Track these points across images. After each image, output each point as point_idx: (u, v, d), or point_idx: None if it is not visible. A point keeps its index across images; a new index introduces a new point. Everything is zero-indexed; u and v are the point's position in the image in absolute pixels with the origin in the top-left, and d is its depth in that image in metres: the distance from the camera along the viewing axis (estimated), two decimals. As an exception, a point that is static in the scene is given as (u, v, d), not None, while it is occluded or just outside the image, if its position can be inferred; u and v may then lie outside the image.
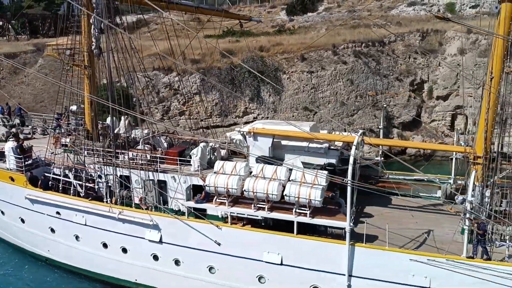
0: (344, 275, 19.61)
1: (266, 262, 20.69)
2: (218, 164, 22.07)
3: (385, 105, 33.71)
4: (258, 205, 20.67)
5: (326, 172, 20.76)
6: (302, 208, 20.02)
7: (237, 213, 21.17)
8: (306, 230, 20.56)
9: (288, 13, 62.46)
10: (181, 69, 42.71)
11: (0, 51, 52.30)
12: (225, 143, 26.40)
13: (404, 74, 44.54)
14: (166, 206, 23.30)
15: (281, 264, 20.50)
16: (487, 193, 19.99)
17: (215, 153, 25.18)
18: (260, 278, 21.19)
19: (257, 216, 20.73)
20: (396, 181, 23.26)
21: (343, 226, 19.26)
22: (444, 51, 44.45)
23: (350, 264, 19.43)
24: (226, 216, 21.48)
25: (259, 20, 39.72)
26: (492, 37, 19.68)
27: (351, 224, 19.09)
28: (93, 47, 25.39)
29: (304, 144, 22.64)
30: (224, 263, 21.55)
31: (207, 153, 24.61)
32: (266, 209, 20.47)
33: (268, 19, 61.87)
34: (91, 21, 24.98)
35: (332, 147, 22.73)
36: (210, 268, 22.02)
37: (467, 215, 18.43)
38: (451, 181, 23.54)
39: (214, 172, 21.71)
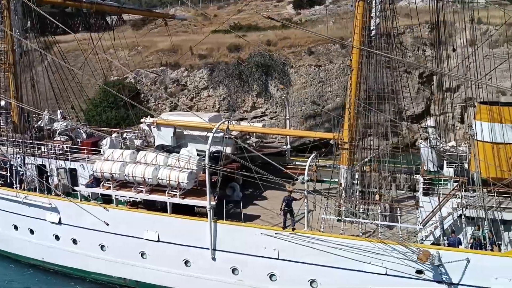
0: (208, 249, 21.85)
1: (146, 239, 23.00)
2: (107, 152, 24.40)
3: (283, 96, 34.42)
4: (138, 188, 23.07)
5: (198, 157, 23.03)
6: (175, 190, 22.40)
7: (120, 196, 23.51)
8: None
9: (295, 7, 62.12)
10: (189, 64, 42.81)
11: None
12: (121, 137, 28.48)
13: (413, 66, 44.14)
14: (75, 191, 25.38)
15: (158, 241, 22.79)
16: (356, 176, 22.56)
17: (127, 143, 27.10)
18: (142, 254, 23.41)
19: (137, 198, 23.21)
20: (302, 167, 24.58)
21: (205, 205, 21.50)
22: (453, 42, 43.95)
23: (214, 239, 21.72)
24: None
25: (183, 18, 40.52)
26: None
27: (212, 203, 21.34)
28: (15, 47, 28.22)
29: (203, 133, 24.72)
30: (113, 241, 23.82)
31: (119, 144, 26.67)
32: (144, 191, 22.87)
33: (275, 13, 61.57)
34: (11, 22, 27.77)
35: (227, 136, 24.80)
36: (102, 246, 24.22)
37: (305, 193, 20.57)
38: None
39: (104, 159, 23.93)
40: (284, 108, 33.69)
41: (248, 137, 28.72)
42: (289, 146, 28.90)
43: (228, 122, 23.02)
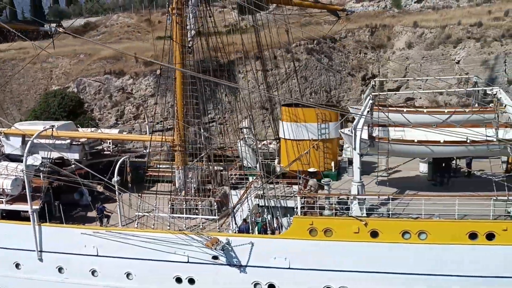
0: (35, 251, 23.42)
1: None
2: None
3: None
4: None
5: (23, 165, 23.80)
6: (1, 197, 23.76)
7: None
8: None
9: (239, 13, 62.36)
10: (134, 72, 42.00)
11: None
12: None
13: (356, 69, 45.50)
14: None
15: None
16: (190, 175, 25.16)
17: None
18: None
19: None
20: (162, 170, 26.74)
21: (27, 209, 23.06)
22: (392, 45, 45.72)
23: (39, 241, 23.27)
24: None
25: (48, 29, 40.89)
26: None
27: (34, 207, 22.93)
28: None
29: (52, 141, 25.90)
30: None
31: None
32: None
33: (220, 19, 61.61)
34: None
35: (74, 143, 26.20)
36: None
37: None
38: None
39: None
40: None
41: (101, 142, 30.24)
42: (149, 150, 30.75)
43: (52, 129, 24.63)
